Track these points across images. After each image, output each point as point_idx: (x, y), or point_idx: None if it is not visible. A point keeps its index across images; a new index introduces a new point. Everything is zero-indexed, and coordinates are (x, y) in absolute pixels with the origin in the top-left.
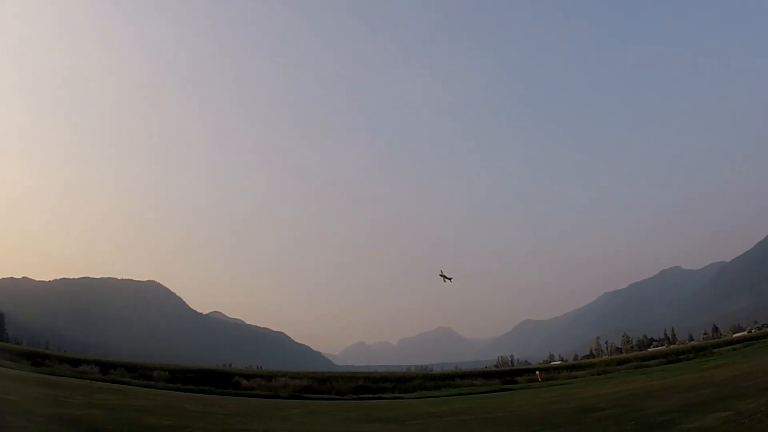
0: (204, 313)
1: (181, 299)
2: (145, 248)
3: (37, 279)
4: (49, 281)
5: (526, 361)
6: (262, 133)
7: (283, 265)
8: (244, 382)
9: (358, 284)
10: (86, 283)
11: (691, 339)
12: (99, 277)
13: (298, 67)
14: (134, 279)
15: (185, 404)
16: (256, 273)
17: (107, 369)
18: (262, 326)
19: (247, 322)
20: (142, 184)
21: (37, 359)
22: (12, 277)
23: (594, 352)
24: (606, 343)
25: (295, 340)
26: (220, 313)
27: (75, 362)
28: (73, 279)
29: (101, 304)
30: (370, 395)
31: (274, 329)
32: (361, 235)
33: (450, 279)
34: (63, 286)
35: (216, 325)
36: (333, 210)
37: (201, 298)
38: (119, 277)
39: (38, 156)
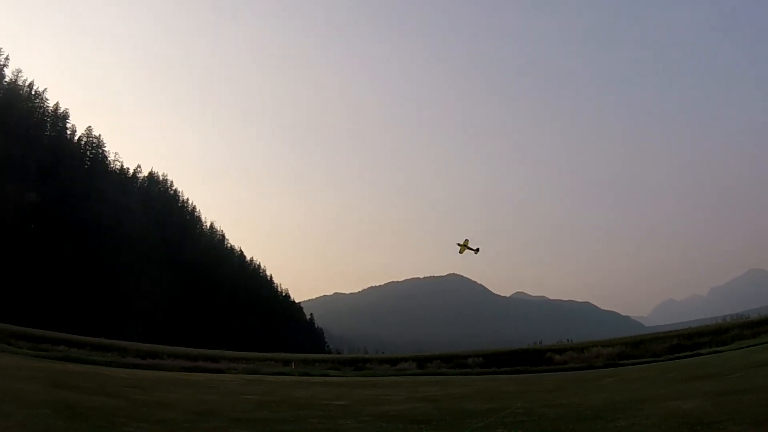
0: (507, 295)
1: (483, 286)
2: (440, 244)
3: (347, 292)
4: (359, 292)
5: None
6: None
7: (576, 234)
8: (557, 357)
9: (662, 235)
10: (392, 287)
11: None
12: (403, 279)
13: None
14: (435, 275)
15: (502, 386)
16: (551, 247)
17: (424, 363)
18: (566, 299)
19: (551, 298)
20: (417, 189)
21: (358, 364)
22: (324, 295)
23: None
24: None
25: (602, 308)
26: (522, 293)
27: (393, 361)
28: (380, 286)
29: (409, 304)
30: (687, 353)
31: (579, 300)
32: (652, 182)
33: (476, 250)
34: (371, 294)
35: (520, 305)
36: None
37: (502, 282)
38: (422, 276)
39: (325, 184)
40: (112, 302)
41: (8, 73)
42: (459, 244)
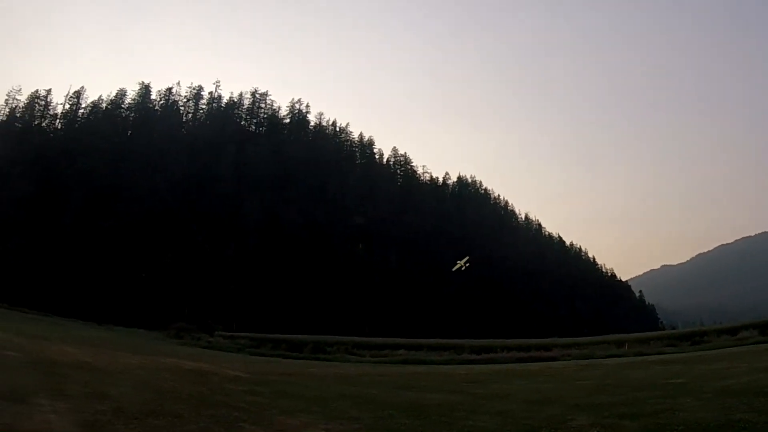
0: None
1: None
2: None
3: (675, 264)
4: (687, 261)
5: None
6: None
7: None
8: None
9: None
10: (722, 250)
11: None
12: (733, 240)
13: None
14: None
15: None
16: None
17: (767, 329)
18: None
19: None
20: (733, 138)
21: (695, 338)
22: (651, 269)
23: None
24: None
25: None
26: None
27: (733, 331)
28: (708, 252)
29: (743, 266)
30: None
31: None
32: None
33: (464, 265)
34: (701, 261)
35: None
36: None
37: None
38: (753, 234)
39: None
40: (442, 304)
41: (312, 118)
42: (458, 262)
